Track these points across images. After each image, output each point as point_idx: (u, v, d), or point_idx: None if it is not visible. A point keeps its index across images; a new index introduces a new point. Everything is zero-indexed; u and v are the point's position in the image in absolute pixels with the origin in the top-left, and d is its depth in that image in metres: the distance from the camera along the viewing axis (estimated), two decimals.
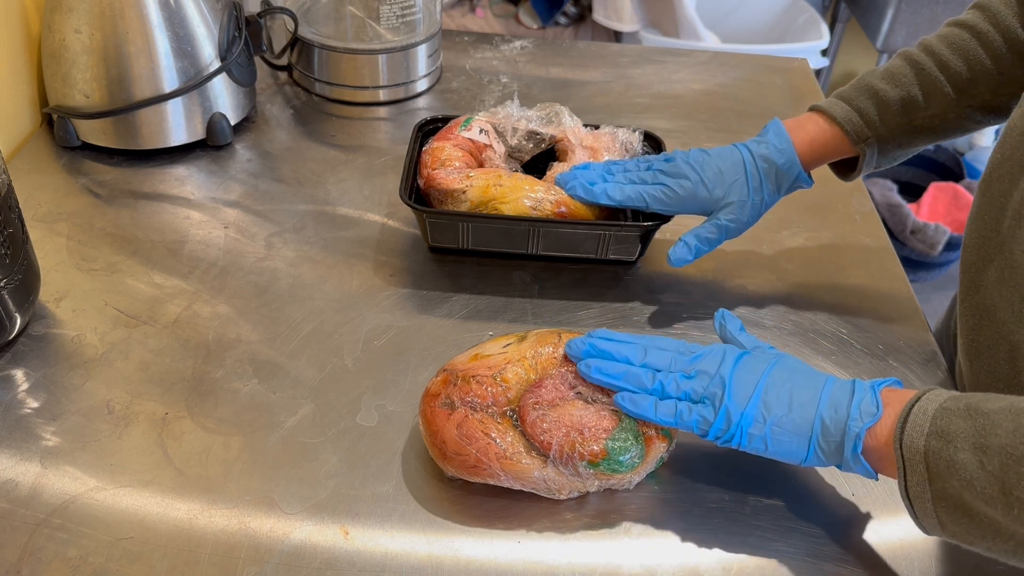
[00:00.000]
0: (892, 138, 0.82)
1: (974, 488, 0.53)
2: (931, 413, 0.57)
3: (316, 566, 0.63)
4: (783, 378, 0.64)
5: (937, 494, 0.56)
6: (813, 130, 0.83)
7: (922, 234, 2.22)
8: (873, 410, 0.60)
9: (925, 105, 0.80)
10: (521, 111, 0.94)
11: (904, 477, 0.57)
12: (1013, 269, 0.68)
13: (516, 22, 2.06)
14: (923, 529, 0.59)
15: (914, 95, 0.80)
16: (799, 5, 2.23)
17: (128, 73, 0.96)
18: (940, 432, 0.55)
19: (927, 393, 0.59)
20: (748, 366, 0.65)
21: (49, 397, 0.74)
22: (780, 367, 0.65)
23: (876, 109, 0.81)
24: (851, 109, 0.82)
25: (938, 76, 0.80)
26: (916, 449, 0.56)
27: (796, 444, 0.62)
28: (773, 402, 0.63)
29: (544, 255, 0.90)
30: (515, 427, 0.66)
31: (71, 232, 0.90)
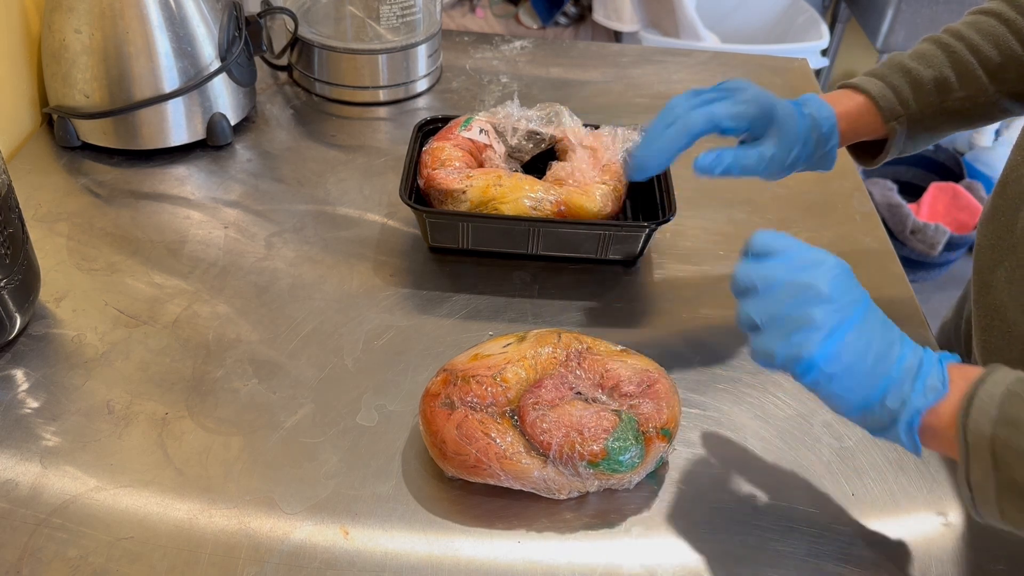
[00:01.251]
0: (923, 119, 0.80)
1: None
2: (998, 398, 0.54)
3: (316, 566, 0.63)
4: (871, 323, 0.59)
5: (1003, 483, 0.53)
6: (847, 104, 0.81)
7: (922, 234, 2.22)
8: (938, 386, 0.57)
9: (958, 87, 0.79)
10: (521, 111, 0.94)
11: (967, 464, 0.54)
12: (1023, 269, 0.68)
13: (516, 22, 2.06)
14: (977, 515, 0.56)
15: (947, 76, 0.79)
16: (799, 5, 2.23)
17: (128, 73, 0.96)
18: (1009, 420, 0.53)
19: (992, 374, 0.56)
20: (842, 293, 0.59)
21: (49, 397, 0.74)
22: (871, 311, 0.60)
23: (910, 87, 0.80)
24: (885, 85, 0.80)
25: (970, 59, 0.79)
26: (982, 435, 0.53)
27: (855, 397, 0.58)
28: (853, 346, 0.58)
29: (544, 255, 0.90)
30: (515, 427, 0.66)
31: (71, 232, 0.90)
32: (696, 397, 0.78)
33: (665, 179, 0.92)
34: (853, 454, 0.74)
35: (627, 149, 0.93)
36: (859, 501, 0.71)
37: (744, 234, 0.98)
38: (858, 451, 0.75)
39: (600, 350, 0.72)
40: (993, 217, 0.74)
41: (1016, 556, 0.67)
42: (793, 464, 0.73)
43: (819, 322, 0.57)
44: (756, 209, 1.02)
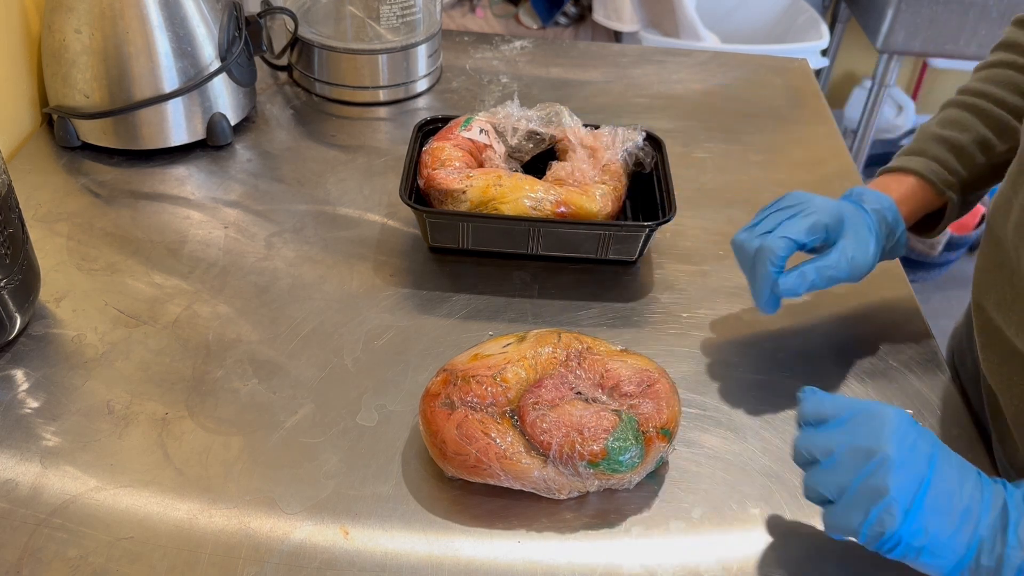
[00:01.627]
0: (973, 181, 0.81)
1: None
2: None
3: (316, 566, 0.63)
4: (946, 476, 0.56)
5: None
6: (901, 189, 0.80)
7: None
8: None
9: (999, 142, 0.79)
10: (521, 111, 0.94)
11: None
12: (1019, 296, 0.68)
13: (516, 22, 2.06)
14: None
15: (985, 135, 0.80)
16: (799, 5, 2.23)
17: (128, 73, 0.96)
18: None
19: None
20: (911, 448, 0.56)
21: (49, 397, 0.74)
22: (942, 455, 0.57)
23: (954, 156, 0.80)
24: (929, 160, 0.80)
25: (1000, 113, 0.79)
26: None
27: (947, 563, 0.55)
28: (935, 510, 0.54)
29: (544, 255, 0.90)
30: (515, 427, 0.66)
31: (71, 232, 0.90)
32: (696, 397, 0.78)
33: (665, 179, 0.92)
34: None
35: (626, 148, 0.93)
36: None
37: None
38: None
39: (600, 350, 0.72)
40: (985, 241, 0.75)
41: None
42: (793, 464, 0.73)
43: (895, 493, 0.54)
44: (756, 209, 1.01)
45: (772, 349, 0.84)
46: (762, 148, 1.12)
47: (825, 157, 1.11)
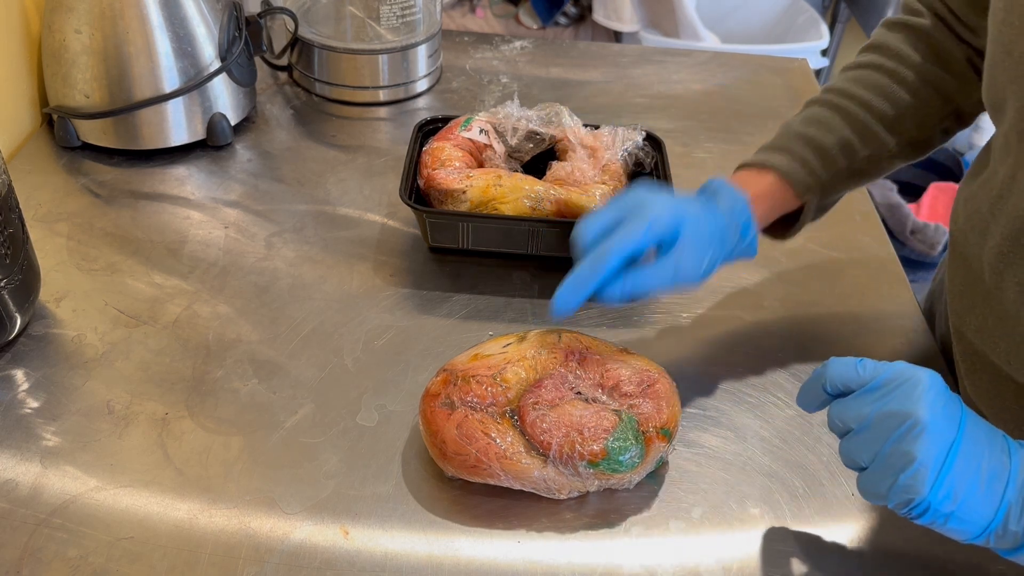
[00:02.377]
0: (832, 185, 0.78)
1: None
2: None
3: (316, 566, 0.63)
4: (975, 439, 0.54)
5: None
6: (759, 185, 0.76)
7: (922, 234, 2.22)
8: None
9: (861, 147, 0.77)
10: (521, 111, 0.94)
11: None
12: (1000, 319, 0.67)
13: (516, 22, 2.06)
14: None
15: (848, 138, 0.76)
16: (799, 5, 2.23)
17: (128, 73, 0.96)
18: None
19: None
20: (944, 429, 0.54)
21: (49, 397, 0.74)
22: (970, 420, 0.55)
23: (816, 157, 0.76)
24: (792, 159, 0.77)
25: (866, 116, 0.76)
26: None
27: (975, 528, 0.54)
28: (964, 475, 0.53)
29: (544, 255, 0.90)
30: (515, 427, 0.66)
31: (71, 232, 0.90)
32: (696, 397, 0.78)
33: (665, 179, 0.92)
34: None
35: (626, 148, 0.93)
36: (859, 501, 0.71)
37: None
38: None
39: (600, 350, 0.72)
40: (955, 264, 0.73)
41: None
42: (793, 464, 0.73)
43: (923, 457, 0.53)
44: None
45: (772, 349, 0.84)
46: None
47: None
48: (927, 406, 0.54)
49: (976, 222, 0.70)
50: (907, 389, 0.55)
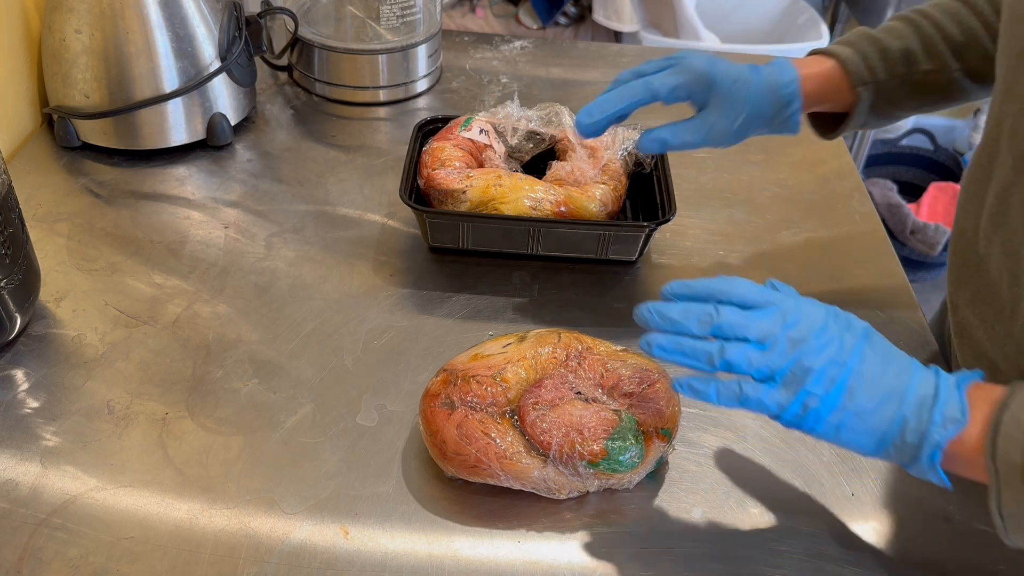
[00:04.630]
0: (888, 89, 0.82)
1: None
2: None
3: (316, 566, 0.63)
4: (874, 361, 0.58)
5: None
6: (816, 67, 0.82)
7: (922, 234, 2.22)
8: (958, 416, 0.55)
9: (924, 60, 0.81)
10: (521, 111, 0.94)
11: (998, 493, 0.53)
12: (987, 287, 0.69)
13: (516, 22, 2.06)
14: (1008, 541, 0.56)
15: (913, 48, 0.81)
16: (799, 5, 2.23)
17: (128, 73, 0.96)
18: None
19: (1015, 396, 0.55)
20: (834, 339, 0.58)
21: (49, 397, 0.74)
22: (871, 346, 0.59)
23: (879, 55, 0.81)
24: (855, 51, 0.82)
25: (935, 35, 0.81)
26: (1013, 465, 0.52)
27: (870, 439, 0.58)
28: (859, 390, 0.57)
29: (544, 255, 0.90)
30: (515, 427, 0.66)
31: (71, 232, 0.90)
32: None
33: (665, 179, 0.92)
34: (853, 454, 0.74)
35: (625, 148, 0.93)
36: (859, 501, 0.71)
37: (744, 234, 0.98)
38: None
39: (600, 350, 0.72)
40: (956, 237, 0.76)
41: (1016, 556, 0.67)
42: (793, 464, 0.73)
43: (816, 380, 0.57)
44: (756, 209, 1.02)
45: None
46: (762, 148, 1.12)
47: (825, 157, 1.11)
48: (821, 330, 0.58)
49: (974, 191, 0.73)
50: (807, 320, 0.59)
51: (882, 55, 0.81)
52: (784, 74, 0.80)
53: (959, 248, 0.75)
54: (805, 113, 0.84)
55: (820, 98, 0.83)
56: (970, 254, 0.72)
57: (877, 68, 0.81)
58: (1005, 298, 0.67)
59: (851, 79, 0.81)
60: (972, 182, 0.73)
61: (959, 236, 0.75)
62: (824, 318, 0.59)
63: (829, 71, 0.82)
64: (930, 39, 0.81)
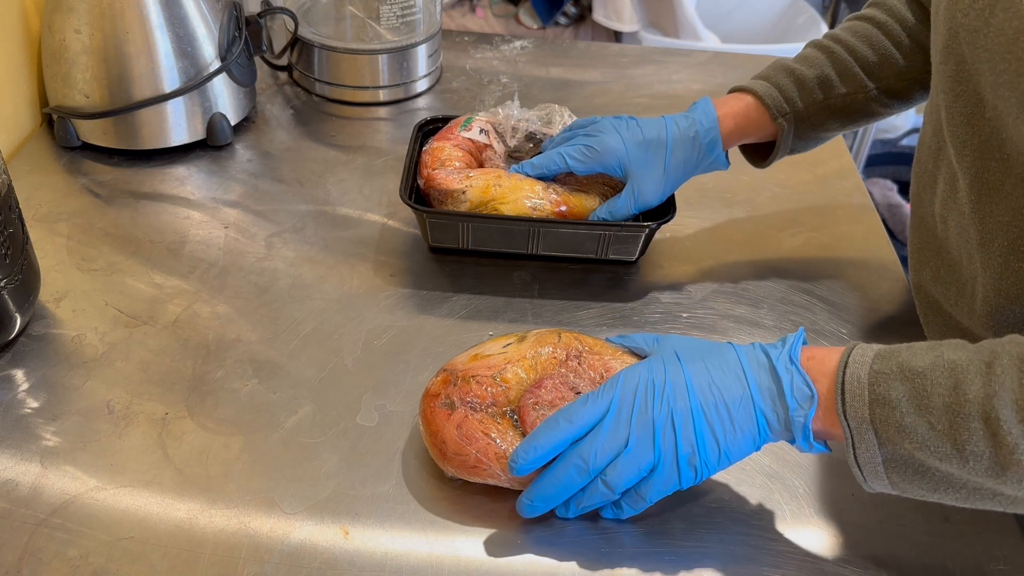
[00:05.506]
0: (808, 116, 0.85)
1: (928, 448, 0.55)
2: (866, 381, 0.57)
3: (316, 566, 0.63)
4: (707, 387, 0.62)
5: (887, 457, 0.57)
6: (736, 105, 0.86)
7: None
8: (808, 392, 0.60)
9: (840, 84, 0.85)
10: (521, 111, 0.94)
11: (852, 446, 0.58)
12: (949, 267, 0.72)
13: (516, 22, 2.06)
14: (869, 489, 0.60)
15: (828, 74, 0.85)
16: (799, 5, 2.23)
17: (128, 73, 0.96)
18: (881, 399, 0.56)
19: (851, 356, 0.59)
20: (667, 394, 0.62)
21: (49, 397, 0.74)
22: (693, 368, 0.63)
23: (794, 85, 0.85)
24: (771, 85, 0.86)
25: (848, 58, 0.85)
26: (862, 419, 0.57)
27: (748, 447, 0.63)
28: (716, 423, 0.61)
29: (544, 255, 0.90)
30: (515, 427, 0.66)
31: (71, 232, 0.91)
32: None
33: None
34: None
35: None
36: (859, 501, 0.71)
37: (744, 234, 0.98)
38: None
39: (600, 350, 0.72)
40: (914, 222, 0.80)
41: (1016, 556, 0.67)
42: (793, 464, 0.73)
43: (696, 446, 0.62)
44: (756, 209, 1.02)
45: None
46: None
47: (825, 157, 1.11)
48: (654, 403, 0.62)
49: (925, 181, 0.76)
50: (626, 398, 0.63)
51: (798, 85, 0.85)
52: (704, 120, 0.85)
53: (919, 233, 0.78)
54: (735, 147, 0.88)
55: (743, 134, 0.87)
56: (930, 238, 0.75)
57: (794, 98, 0.85)
58: (966, 276, 0.70)
59: (769, 112, 0.85)
60: (922, 172, 0.77)
61: (918, 222, 0.78)
62: (646, 377, 0.63)
63: (746, 108, 0.86)
64: (843, 63, 0.85)
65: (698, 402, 0.62)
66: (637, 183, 0.84)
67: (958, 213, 0.69)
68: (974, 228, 0.67)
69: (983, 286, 0.67)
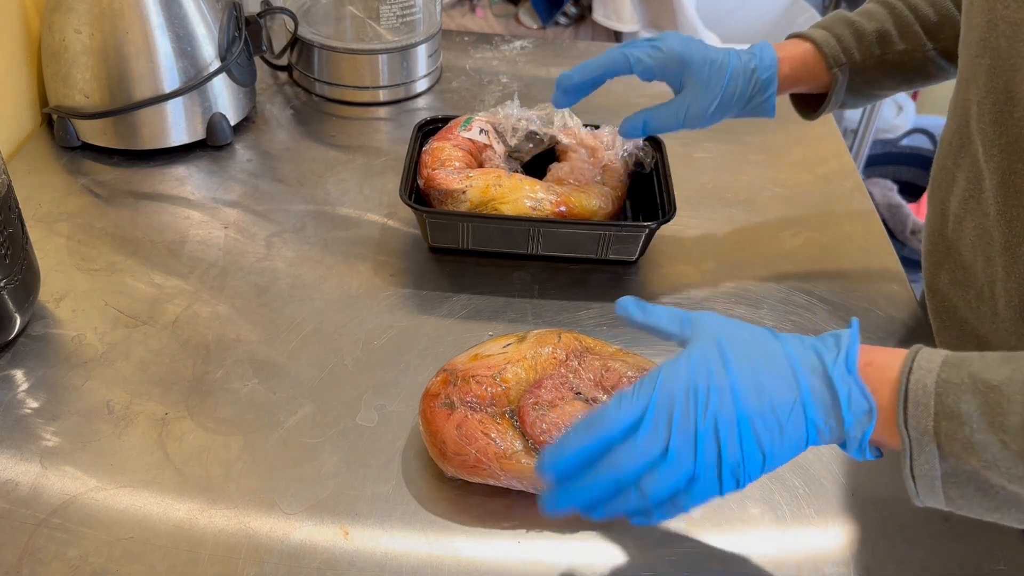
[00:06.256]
0: (864, 69, 0.84)
1: (998, 468, 0.51)
2: (932, 390, 0.53)
3: (316, 566, 0.63)
4: (756, 392, 0.55)
5: (948, 472, 0.53)
6: (792, 50, 0.85)
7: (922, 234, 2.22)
8: (867, 407, 0.54)
9: (898, 40, 0.83)
10: (521, 111, 0.94)
11: (911, 459, 0.53)
12: (963, 270, 0.71)
13: (516, 22, 2.06)
14: (919, 502, 0.56)
15: (888, 29, 0.84)
16: (799, 5, 2.23)
17: (128, 73, 0.96)
18: (950, 412, 0.52)
19: (916, 361, 0.54)
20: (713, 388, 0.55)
21: (49, 397, 0.74)
22: (745, 378, 0.56)
23: (853, 37, 0.84)
24: (830, 34, 0.84)
25: (909, 15, 0.83)
26: (925, 431, 0.52)
27: (794, 454, 0.57)
28: (763, 433, 0.55)
29: (544, 255, 0.90)
30: (515, 427, 0.66)
31: (71, 232, 0.90)
32: None
33: (665, 179, 0.92)
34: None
35: (626, 148, 0.93)
36: (859, 501, 0.71)
37: (744, 234, 0.98)
38: None
39: (600, 350, 0.72)
40: (927, 224, 0.79)
41: (1016, 556, 0.67)
42: (793, 464, 0.73)
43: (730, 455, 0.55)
44: (756, 209, 1.02)
45: None
46: (762, 148, 1.12)
47: (825, 157, 1.11)
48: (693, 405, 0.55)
49: (943, 178, 0.75)
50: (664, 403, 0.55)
51: (857, 37, 0.84)
52: (764, 58, 0.83)
53: (931, 233, 0.77)
54: (786, 95, 0.87)
55: (796, 80, 0.85)
56: (939, 238, 0.75)
57: (852, 49, 0.84)
58: (982, 279, 0.68)
59: (826, 61, 0.84)
60: (941, 169, 0.75)
61: (931, 221, 0.77)
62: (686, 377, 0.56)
63: (804, 54, 0.84)
64: (904, 19, 0.83)
65: (745, 410, 0.55)
66: (692, 97, 0.81)
67: (980, 214, 0.68)
68: (998, 231, 0.65)
69: (1006, 291, 0.65)
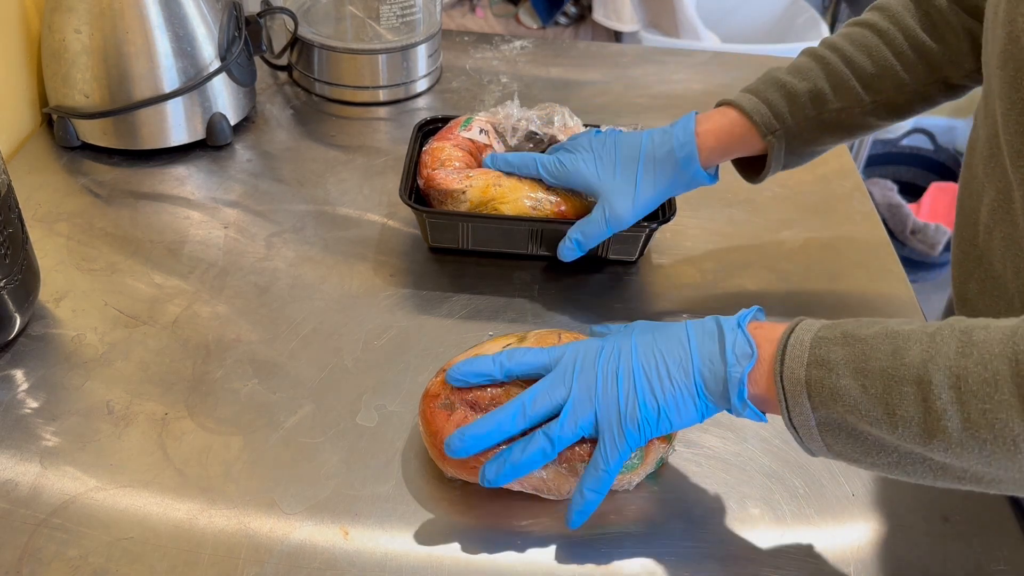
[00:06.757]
0: (800, 132, 0.81)
1: (859, 411, 0.54)
2: (808, 343, 0.57)
3: (316, 566, 0.63)
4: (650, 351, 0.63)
5: (821, 420, 0.57)
6: (720, 121, 0.82)
7: (922, 234, 2.22)
8: (748, 351, 0.60)
9: (834, 98, 0.80)
10: (521, 111, 0.94)
11: (787, 408, 0.57)
12: (993, 280, 0.70)
13: (516, 22, 2.06)
14: (809, 452, 0.60)
15: (821, 88, 0.80)
16: (799, 5, 2.23)
17: (128, 73, 0.96)
18: (819, 361, 0.56)
19: (799, 324, 0.59)
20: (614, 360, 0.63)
21: (49, 397, 0.74)
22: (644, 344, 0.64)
23: (785, 101, 0.80)
24: (759, 100, 0.81)
25: (844, 70, 0.80)
26: (797, 380, 0.57)
27: (688, 409, 0.62)
28: (655, 381, 0.62)
29: (544, 255, 0.90)
30: None
31: (71, 232, 0.90)
32: None
33: None
34: None
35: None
36: (859, 501, 0.71)
37: (744, 234, 0.98)
38: None
39: None
40: (957, 232, 0.77)
41: (1016, 556, 0.67)
42: (793, 464, 0.73)
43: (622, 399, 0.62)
44: (756, 209, 1.02)
45: None
46: None
47: (825, 157, 1.10)
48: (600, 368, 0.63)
49: (974, 188, 0.73)
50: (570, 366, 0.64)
51: (788, 99, 0.80)
52: (680, 135, 0.81)
53: (961, 242, 0.76)
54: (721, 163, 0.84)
55: (728, 151, 0.83)
56: (970, 247, 0.73)
57: (784, 114, 0.80)
58: (1012, 290, 0.68)
59: (758, 129, 0.81)
60: (972, 178, 0.73)
61: (961, 230, 0.76)
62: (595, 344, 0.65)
63: (731, 124, 0.82)
64: (838, 74, 0.80)
65: (640, 364, 0.62)
66: (608, 203, 0.81)
67: (1009, 224, 0.67)
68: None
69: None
